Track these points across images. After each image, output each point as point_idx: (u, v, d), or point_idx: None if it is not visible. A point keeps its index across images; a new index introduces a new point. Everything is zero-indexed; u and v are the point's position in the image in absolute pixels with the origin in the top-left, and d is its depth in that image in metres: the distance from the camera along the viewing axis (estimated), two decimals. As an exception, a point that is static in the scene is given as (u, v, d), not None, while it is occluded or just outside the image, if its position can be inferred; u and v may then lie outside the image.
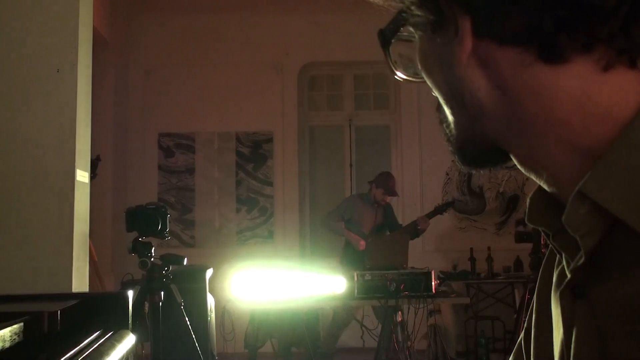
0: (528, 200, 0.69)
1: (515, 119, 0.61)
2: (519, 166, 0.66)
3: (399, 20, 0.68)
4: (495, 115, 0.62)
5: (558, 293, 0.62)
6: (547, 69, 0.58)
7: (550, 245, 0.68)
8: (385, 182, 5.81)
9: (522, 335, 0.77)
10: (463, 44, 0.61)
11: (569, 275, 0.59)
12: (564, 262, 0.63)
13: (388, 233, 5.83)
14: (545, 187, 0.65)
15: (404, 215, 7.00)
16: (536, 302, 0.74)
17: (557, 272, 0.68)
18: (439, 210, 5.94)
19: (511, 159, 0.67)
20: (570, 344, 0.58)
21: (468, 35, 0.61)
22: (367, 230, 5.76)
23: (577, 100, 0.58)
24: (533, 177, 0.65)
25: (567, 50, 0.57)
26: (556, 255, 0.70)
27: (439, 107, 0.69)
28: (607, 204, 0.54)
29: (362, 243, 5.57)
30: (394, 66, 0.71)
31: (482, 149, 0.66)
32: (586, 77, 0.57)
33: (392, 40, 0.69)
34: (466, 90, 0.63)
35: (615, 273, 0.55)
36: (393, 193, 5.82)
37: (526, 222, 0.68)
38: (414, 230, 5.75)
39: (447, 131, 0.69)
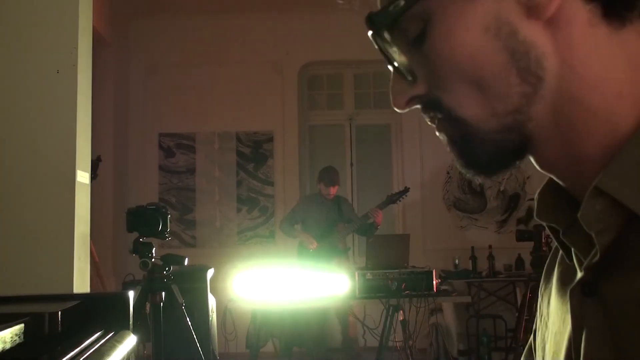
0: (536, 196, 0.67)
1: (569, 96, 0.57)
2: (537, 164, 0.63)
3: None
4: (550, 93, 0.57)
5: (564, 290, 0.61)
6: (608, 34, 0.56)
7: (555, 244, 0.67)
8: (327, 174, 5.77)
9: (531, 337, 0.76)
10: None
11: (580, 273, 0.58)
12: (574, 260, 0.62)
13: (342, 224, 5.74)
14: (561, 182, 0.63)
15: (405, 214, 7.00)
16: (540, 302, 0.74)
17: (558, 270, 0.67)
18: (391, 200, 5.67)
19: (522, 159, 0.63)
20: (580, 343, 0.56)
21: None
22: (321, 228, 5.73)
23: (634, 73, 0.56)
24: (553, 175, 0.63)
25: (637, 6, 0.54)
26: (558, 254, 0.69)
27: (433, 104, 0.63)
28: (625, 200, 0.52)
29: (314, 243, 5.59)
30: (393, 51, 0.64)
31: (514, 141, 0.60)
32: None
33: (392, 22, 0.61)
34: (531, 57, 0.57)
35: (630, 271, 0.53)
36: (333, 182, 5.73)
37: (535, 218, 0.66)
38: (365, 225, 5.58)
39: (458, 133, 0.62)
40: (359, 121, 7.41)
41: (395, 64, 0.63)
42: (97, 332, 1.10)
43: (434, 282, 4.65)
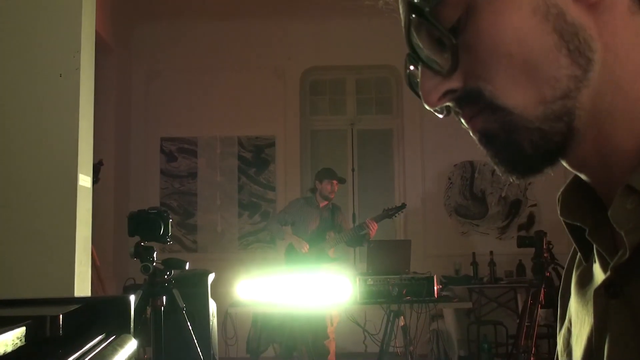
0: (559, 196, 0.65)
1: (612, 83, 0.56)
2: (567, 163, 0.61)
3: None
4: (595, 78, 0.56)
5: (583, 293, 0.60)
6: None
7: (576, 246, 0.66)
8: (328, 171, 5.69)
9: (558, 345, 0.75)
10: None
11: (605, 274, 0.57)
12: (597, 261, 0.61)
13: (332, 233, 5.67)
14: (589, 181, 0.62)
15: (406, 220, 7.00)
16: (560, 307, 0.73)
17: (576, 273, 0.67)
18: (387, 214, 5.57)
19: (559, 160, 0.60)
20: (603, 344, 0.55)
21: None
22: (312, 233, 5.66)
23: None
24: (583, 173, 0.62)
25: None
26: (576, 258, 0.68)
27: (472, 96, 0.59)
28: None
29: (306, 247, 5.53)
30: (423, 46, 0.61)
31: (562, 131, 0.58)
32: None
33: (435, 5, 0.58)
34: (580, 39, 0.56)
35: None
36: (337, 177, 5.69)
37: (559, 216, 0.64)
38: (357, 236, 5.52)
39: (500, 127, 0.59)
40: (361, 126, 7.41)
41: (425, 59, 0.61)
42: (98, 336, 1.10)
43: (435, 288, 4.64)
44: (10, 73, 2.80)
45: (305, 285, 4.71)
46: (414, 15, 0.59)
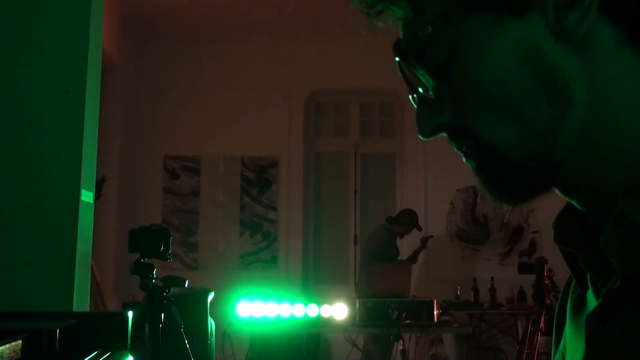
0: (554, 221, 0.66)
1: (596, 121, 0.57)
2: (559, 190, 0.62)
3: (456, 11, 0.59)
4: (577, 117, 0.57)
5: (577, 319, 0.60)
6: (633, 59, 0.55)
7: (571, 271, 0.66)
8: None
9: None
10: (587, 16, 0.55)
11: (598, 300, 0.57)
12: (590, 287, 0.61)
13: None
14: (581, 208, 0.62)
15: (407, 244, 6.99)
16: (555, 334, 0.73)
17: (572, 298, 0.67)
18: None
19: (550, 189, 0.62)
20: None
21: (595, 4, 0.55)
22: None
23: None
24: (574, 201, 0.62)
25: None
26: (571, 284, 0.69)
27: (461, 131, 0.62)
28: None
29: None
30: (416, 81, 0.63)
31: (543, 168, 0.59)
32: None
33: (419, 48, 0.60)
34: (559, 81, 0.57)
35: None
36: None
37: (554, 241, 0.65)
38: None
39: (487, 160, 0.61)
40: (364, 149, 7.42)
41: (421, 91, 0.63)
42: (94, 351, 1.10)
43: (435, 313, 4.62)
44: (16, 87, 2.82)
45: (303, 306, 4.69)
46: (400, 58, 0.62)
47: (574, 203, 0.63)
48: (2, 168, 2.77)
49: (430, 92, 0.63)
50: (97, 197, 3.33)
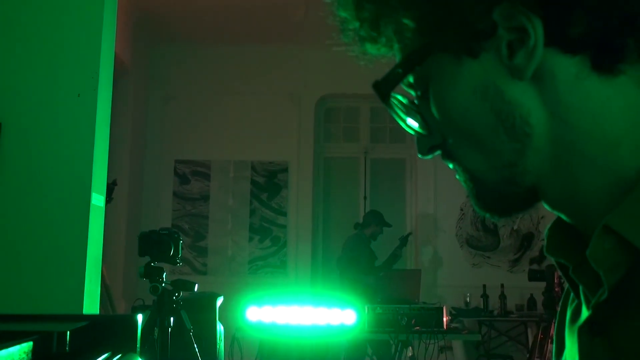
0: (546, 232, 0.67)
1: (564, 146, 0.58)
2: (548, 206, 0.63)
3: (419, 54, 0.63)
4: (542, 145, 0.59)
5: (574, 330, 0.61)
6: (600, 84, 0.56)
7: (566, 282, 0.66)
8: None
9: None
10: (534, 54, 0.57)
11: (588, 311, 0.57)
12: (582, 298, 0.61)
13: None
14: (569, 220, 0.63)
15: (418, 251, 6.97)
16: (556, 343, 0.73)
17: (571, 308, 0.67)
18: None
19: (534, 205, 0.64)
20: None
21: (540, 43, 0.56)
22: None
23: (632, 120, 0.56)
24: (562, 214, 0.63)
25: (627, 56, 0.55)
26: (571, 292, 0.69)
27: (448, 154, 0.66)
28: (634, 239, 0.52)
29: None
30: (404, 113, 0.68)
31: (517, 191, 0.62)
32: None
33: (400, 84, 0.66)
34: (516, 117, 0.59)
35: (638, 310, 0.53)
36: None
37: (545, 253, 0.66)
38: None
39: (469, 180, 0.65)
40: (374, 155, 7.42)
41: (408, 121, 0.68)
42: (104, 354, 1.11)
43: (444, 319, 4.60)
44: (29, 91, 2.84)
45: (312, 312, 4.68)
46: (378, 96, 0.67)
47: (562, 216, 0.64)
48: (14, 171, 2.79)
49: (416, 121, 0.68)
50: (108, 200, 3.34)
